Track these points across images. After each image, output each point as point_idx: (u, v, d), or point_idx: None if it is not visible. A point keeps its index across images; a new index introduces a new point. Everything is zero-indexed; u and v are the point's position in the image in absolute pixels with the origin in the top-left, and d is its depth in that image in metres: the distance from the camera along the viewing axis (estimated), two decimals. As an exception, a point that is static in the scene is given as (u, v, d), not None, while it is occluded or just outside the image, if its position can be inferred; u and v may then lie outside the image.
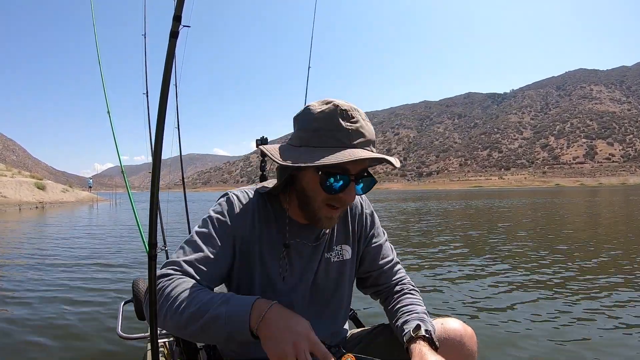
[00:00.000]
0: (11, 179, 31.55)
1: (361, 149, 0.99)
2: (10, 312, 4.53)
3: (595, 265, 6.35)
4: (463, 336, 1.17)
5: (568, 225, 12.91)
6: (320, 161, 0.96)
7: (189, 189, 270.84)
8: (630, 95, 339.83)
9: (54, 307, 4.72)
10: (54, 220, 18.98)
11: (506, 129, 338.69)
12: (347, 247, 1.28)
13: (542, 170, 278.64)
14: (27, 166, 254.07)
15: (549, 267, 6.24)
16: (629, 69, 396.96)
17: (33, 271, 6.75)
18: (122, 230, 13.50)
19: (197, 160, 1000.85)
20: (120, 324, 2.34)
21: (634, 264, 6.35)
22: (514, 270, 6.09)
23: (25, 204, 27.55)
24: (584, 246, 8.48)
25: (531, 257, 7.21)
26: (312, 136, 1.01)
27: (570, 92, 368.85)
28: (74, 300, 4.95)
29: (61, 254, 8.59)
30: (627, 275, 5.59)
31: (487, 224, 13.88)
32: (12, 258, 8.16)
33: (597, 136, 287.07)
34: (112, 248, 9.42)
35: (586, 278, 5.48)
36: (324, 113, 1.00)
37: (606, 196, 42.08)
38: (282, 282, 1.16)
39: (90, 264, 7.33)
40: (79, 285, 5.72)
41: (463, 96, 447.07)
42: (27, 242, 10.60)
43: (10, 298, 5.12)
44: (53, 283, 5.87)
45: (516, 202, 32.50)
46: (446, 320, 1.22)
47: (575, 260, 6.71)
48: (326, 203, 1.06)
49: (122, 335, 2.27)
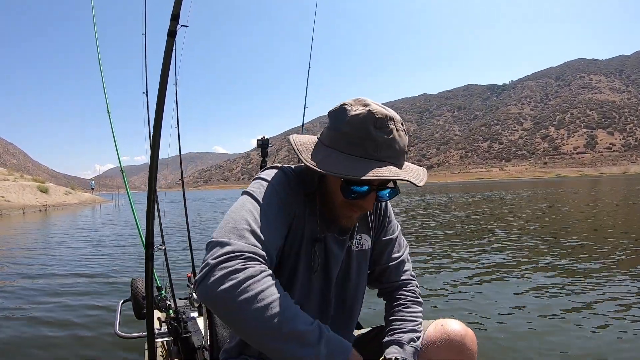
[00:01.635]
0: (14, 183, 31.56)
1: (389, 165, 0.97)
2: (9, 312, 4.56)
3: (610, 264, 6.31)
4: (463, 337, 1.14)
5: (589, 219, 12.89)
6: (343, 173, 0.94)
7: (190, 188, 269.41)
8: (630, 85, 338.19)
9: (51, 306, 4.73)
10: (59, 222, 19.10)
11: (506, 120, 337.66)
12: (367, 237, 1.25)
13: (543, 160, 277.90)
14: (28, 169, 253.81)
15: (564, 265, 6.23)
16: (628, 58, 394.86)
17: (33, 271, 6.77)
18: (123, 230, 13.54)
19: (197, 159, 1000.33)
20: (118, 323, 2.34)
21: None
22: (515, 270, 6.08)
23: (28, 207, 27.59)
24: (597, 241, 8.47)
25: (542, 251, 7.21)
26: (341, 139, 0.99)
27: (569, 82, 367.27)
28: (72, 299, 4.97)
29: (63, 253, 8.62)
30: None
31: (496, 217, 13.88)
32: (14, 259, 8.17)
33: (597, 126, 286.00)
34: (114, 247, 9.45)
35: (600, 276, 5.37)
36: (357, 118, 0.96)
37: (613, 185, 41.91)
38: (314, 274, 1.12)
39: (92, 263, 7.35)
40: (78, 284, 5.73)
41: (462, 88, 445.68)
42: (33, 242, 10.64)
43: (7, 298, 5.14)
44: (52, 283, 5.88)
45: (526, 192, 32.45)
46: (446, 321, 1.21)
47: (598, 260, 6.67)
48: (347, 205, 1.06)
49: (120, 334, 2.27)
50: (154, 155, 1.51)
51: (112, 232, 13.35)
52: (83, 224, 17.36)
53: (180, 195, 3.02)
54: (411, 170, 1.03)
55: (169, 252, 2.44)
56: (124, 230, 13.63)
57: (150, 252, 1.58)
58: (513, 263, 6.21)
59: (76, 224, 17.12)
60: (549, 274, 5.44)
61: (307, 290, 1.12)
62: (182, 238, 7.97)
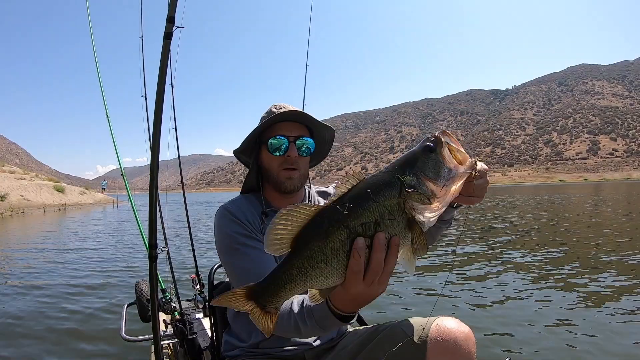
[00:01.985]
0: (31, 182, 31.89)
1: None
2: (15, 314, 4.56)
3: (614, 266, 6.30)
4: (459, 336, 1.16)
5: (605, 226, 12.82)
6: (256, 129, 1.41)
7: (193, 190, 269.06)
8: (633, 90, 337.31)
9: (58, 308, 4.74)
10: (89, 220, 19.52)
11: (509, 126, 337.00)
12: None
13: (546, 166, 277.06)
14: (32, 170, 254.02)
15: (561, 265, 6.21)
16: (631, 63, 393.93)
17: (40, 273, 6.78)
18: (128, 232, 13.57)
19: (199, 161, 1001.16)
20: (124, 326, 2.34)
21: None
22: (515, 271, 6.07)
23: (48, 206, 27.95)
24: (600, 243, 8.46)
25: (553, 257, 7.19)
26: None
27: (572, 88, 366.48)
28: (78, 302, 4.98)
29: (75, 254, 8.64)
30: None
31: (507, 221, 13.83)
32: (21, 258, 8.19)
33: (600, 131, 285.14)
34: (123, 249, 9.48)
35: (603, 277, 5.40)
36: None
37: (620, 191, 41.72)
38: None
39: (97, 263, 7.36)
40: (85, 286, 5.74)
41: (465, 93, 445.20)
42: (46, 242, 10.66)
43: (12, 298, 5.15)
44: (58, 283, 5.90)
45: (535, 198, 32.33)
46: (444, 319, 1.21)
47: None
48: (282, 168, 1.40)
49: (126, 337, 2.27)
50: (154, 157, 1.52)
51: (120, 232, 13.37)
52: (109, 223, 17.63)
53: (181, 197, 3.03)
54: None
55: (172, 255, 2.44)
56: (130, 231, 13.66)
57: (154, 254, 1.59)
58: (517, 263, 6.21)
59: (100, 224, 17.49)
60: (557, 272, 5.44)
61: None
62: (185, 239, 7.99)
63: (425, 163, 0.82)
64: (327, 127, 1.51)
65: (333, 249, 0.81)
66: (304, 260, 0.82)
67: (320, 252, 0.81)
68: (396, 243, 0.81)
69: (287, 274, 0.84)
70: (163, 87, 1.46)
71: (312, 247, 0.81)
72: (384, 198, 0.81)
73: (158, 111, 1.48)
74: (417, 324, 1.27)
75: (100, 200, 38.69)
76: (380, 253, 0.80)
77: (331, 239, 0.80)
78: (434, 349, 1.16)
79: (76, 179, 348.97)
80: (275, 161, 1.41)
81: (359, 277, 0.82)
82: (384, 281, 0.86)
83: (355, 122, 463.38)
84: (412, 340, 1.22)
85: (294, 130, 1.42)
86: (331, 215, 0.81)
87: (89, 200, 36.45)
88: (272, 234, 0.80)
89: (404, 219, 0.81)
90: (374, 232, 0.80)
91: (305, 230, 0.81)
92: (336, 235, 0.80)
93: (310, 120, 1.46)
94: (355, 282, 0.83)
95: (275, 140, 1.39)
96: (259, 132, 1.44)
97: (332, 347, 1.45)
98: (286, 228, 0.81)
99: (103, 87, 2.68)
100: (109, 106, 2.74)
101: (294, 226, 0.81)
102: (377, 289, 0.86)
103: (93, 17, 2.71)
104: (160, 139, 1.51)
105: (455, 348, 1.15)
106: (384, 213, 0.80)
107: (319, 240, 0.81)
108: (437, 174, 0.81)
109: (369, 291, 0.85)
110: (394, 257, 0.82)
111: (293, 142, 1.40)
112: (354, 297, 0.90)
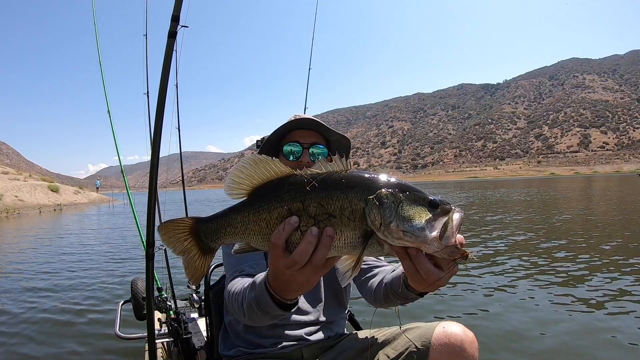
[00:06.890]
0: (25, 182, 31.40)
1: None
2: (9, 313, 4.53)
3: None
4: (464, 341, 1.18)
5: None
6: (272, 137, 1.51)
7: (185, 187, 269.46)
8: (623, 84, 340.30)
9: (52, 306, 4.71)
10: (92, 218, 19.27)
11: (500, 119, 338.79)
12: None
13: (537, 159, 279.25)
14: (23, 170, 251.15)
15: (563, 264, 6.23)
16: (622, 57, 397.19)
17: (36, 272, 6.73)
18: (125, 230, 13.48)
19: (191, 158, 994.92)
20: (118, 324, 2.33)
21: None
22: (515, 273, 6.10)
23: (43, 207, 27.60)
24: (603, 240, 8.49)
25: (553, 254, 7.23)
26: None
27: (563, 82, 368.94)
28: (72, 300, 4.95)
29: (73, 252, 8.57)
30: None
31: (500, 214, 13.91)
32: (17, 262, 8.12)
33: (590, 125, 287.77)
34: (120, 247, 9.43)
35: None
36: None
37: (612, 185, 42.06)
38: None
39: (94, 261, 7.32)
40: (79, 284, 5.71)
41: (456, 87, 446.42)
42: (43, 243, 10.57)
43: (9, 298, 5.11)
44: (53, 283, 5.86)
45: (527, 191, 32.52)
46: (447, 324, 1.23)
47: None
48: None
49: (121, 335, 2.26)
50: (155, 155, 1.52)
51: (118, 232, 13.28)
52: (106, 222, 17.57)
53: (175, 195, 3.02)
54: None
55: (169, 253, 2.43)
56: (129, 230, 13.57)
57: (151, 251, 1.59)
58: (518, 262, 6.24)
59: (96, 223, 17.36)
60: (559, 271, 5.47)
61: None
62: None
63: (415, 203, 0.78)
64: (342, 137, 1.58)
65: (280, 215, 0.81)
66: (251, 212, 0.83)
67: (267, 212, 0.81)
68: (329, 234, 0.77)
69: (232, 217, 0.85)
70: (166, 86, 1.47)
71: (262, 205, 0.82)
72: (353, 195, 0.78)
73: (160, 110, 1.48)
74: (419, 330, 1.28)
75: (95, 200, 38.28)
76: (309, 242, 0.78)
77: (281, 205, 0.81)
78: (439, 354, 1.17)
79: (67, 179, 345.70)
80: (289, 166, 1.36)
81: (278, 252, 0.80)
82: (308, 273, 0.81)
83: (346, 118, 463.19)
84: (415, 346, 1.23)
85: (309, 137, 1.52)
86: (295, 184, 0.81)
87: (84, 199, 36.01)
88: (236, 177, 0.82)
89: (361, 228, 0.78)
90: (325, 222, 0.78)
91: (265, 186, 0.83)
92: (288, 204, 0.80)
93: (325, 130, 1.53)
94: (273, 255, 0.82)
95: (289, 147, 1.50)
96: (277, 139, 1.53)
97: (331, 347, 1.45)
98: (250, 176, 0.82)
99: (105, 84, 2.65)
100: (103, 104, 2.71)
101: (259, 178, 0.82)
102: (297, 275, 0.82)
103: (92, 17, 2.67)
104: (161, 138, 1.51)
105: (461, 353, 1.17)
106: (344, 209, 0.78)
107: (271, 201, 0.81)
108: (411, 218, 0.76)
109: (289, 274, 0.83)
110: (324, 250, 0.78)
111: (307, 149, 1.50)
112: (276, 276, 0.88)
